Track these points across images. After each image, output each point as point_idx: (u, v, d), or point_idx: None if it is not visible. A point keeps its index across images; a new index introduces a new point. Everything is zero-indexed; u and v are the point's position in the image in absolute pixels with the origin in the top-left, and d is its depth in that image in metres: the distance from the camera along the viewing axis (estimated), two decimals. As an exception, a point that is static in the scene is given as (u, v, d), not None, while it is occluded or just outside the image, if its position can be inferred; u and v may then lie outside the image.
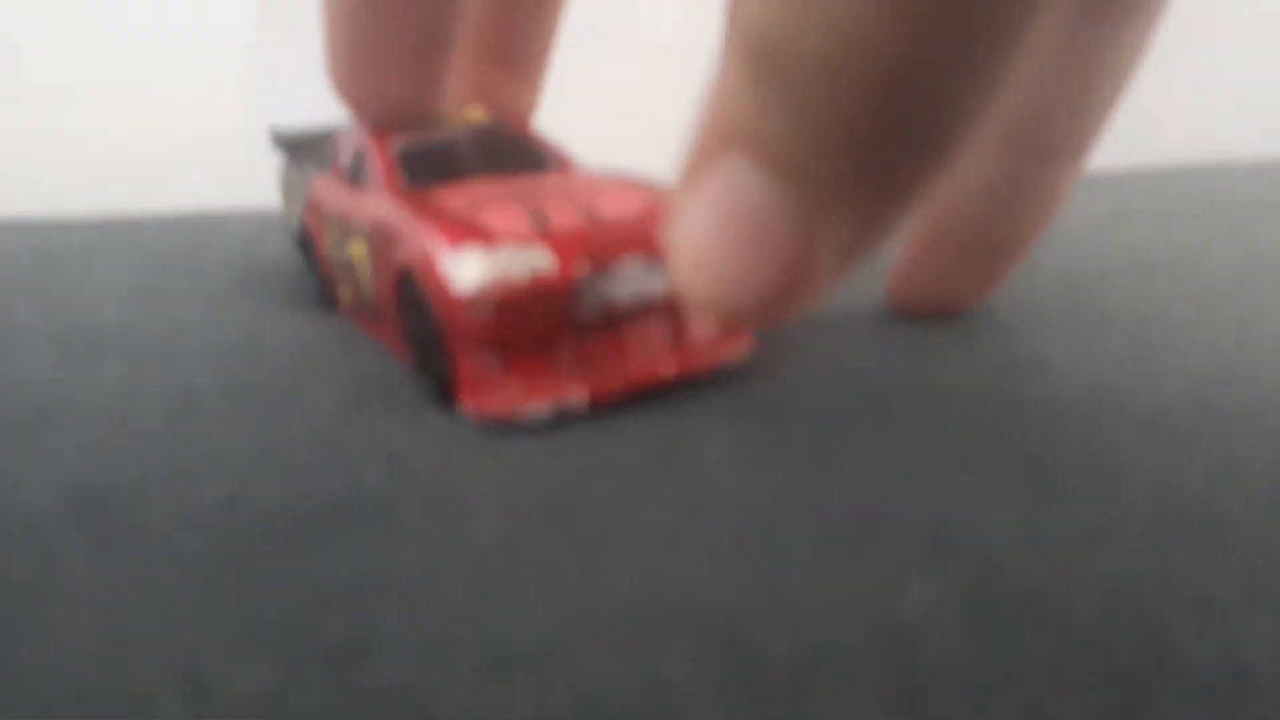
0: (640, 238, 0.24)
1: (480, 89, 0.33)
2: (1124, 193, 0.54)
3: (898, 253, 0.31)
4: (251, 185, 0.57)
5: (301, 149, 0.39)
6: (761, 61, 0.13)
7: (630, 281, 0.23)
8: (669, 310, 0.24)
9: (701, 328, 0.25)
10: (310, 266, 0.36)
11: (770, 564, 0.16)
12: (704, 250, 0.15)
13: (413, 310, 0.25)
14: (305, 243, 0.35)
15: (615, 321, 0.24)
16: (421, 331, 0.24)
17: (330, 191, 0.31)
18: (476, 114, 0.31)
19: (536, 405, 0.22)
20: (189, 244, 0.46)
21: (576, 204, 0.25)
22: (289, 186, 0.39)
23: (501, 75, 0.34)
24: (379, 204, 0.27)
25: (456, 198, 0.26)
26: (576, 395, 0.22)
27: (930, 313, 0.31)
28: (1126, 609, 0.15)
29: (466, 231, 0.23)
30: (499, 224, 0.23)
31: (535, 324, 0.22)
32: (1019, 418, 0.22)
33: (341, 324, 0.31)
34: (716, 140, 0.15)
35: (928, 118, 0.13)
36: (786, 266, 0.15)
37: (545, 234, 0.23)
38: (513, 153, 0.30)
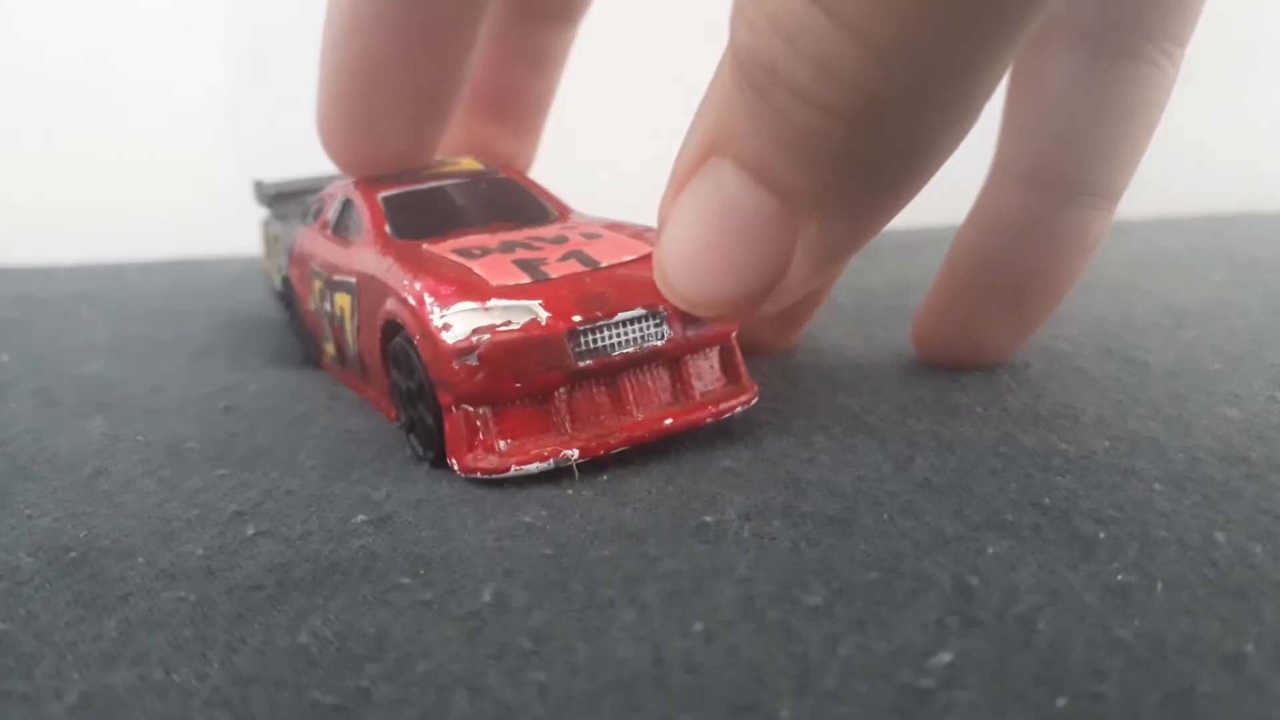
0: (639, 287, 0.24)
1: (477, 141, 0.34)
2: (1153, 241, 0.55)
3: (925, 297, 0.31)
4: (234, 232, 0.58)
5: (284, 202, 0.40)
6: (750, 78, 0.15)
7: (628, 332, 0.24)
8: (671, 361, 0.25)
9: (706, 379, 0.25)
10: (293, 322, 0.36)
11: (784, 630, 0.16)
12: (687, 243, 0.17)
13: (400, 365, 0.25)
14: (288, 298, 0.36)
15: (614, 373, 0.24)
16: (408, 386, 0.25)
17: (315, 245, 0.32)
18: (469, 163, 0.32)
19: (527, 463, 0.22)
20: (172, 292, 0.46)
21: (573, 254, 0.25)
22: (271, 240, 0.39)
23: (499, 127, 0.35)
24: (365, 256, 0.27)
25: (447, 249, 0.26)
26: (568, 452, 0.23)
27: (959, 359, 0.31)
28: (1156, 670, 0.15)
29: (456, 283, 0.23)
30: (491, 276, 0.24)
31: (527, 377, 0.23)
32: (1046, 472, 0.22)
33: (325, 378, 0.32)
34: (707, 145, 0.17)
35: (894, 145, 0.15)
36: (764, 264, 0.17)
37: (538, 285, 0.24)
38: (507, 202, 0.30)
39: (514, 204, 0.30)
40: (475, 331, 0.22)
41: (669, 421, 0.24)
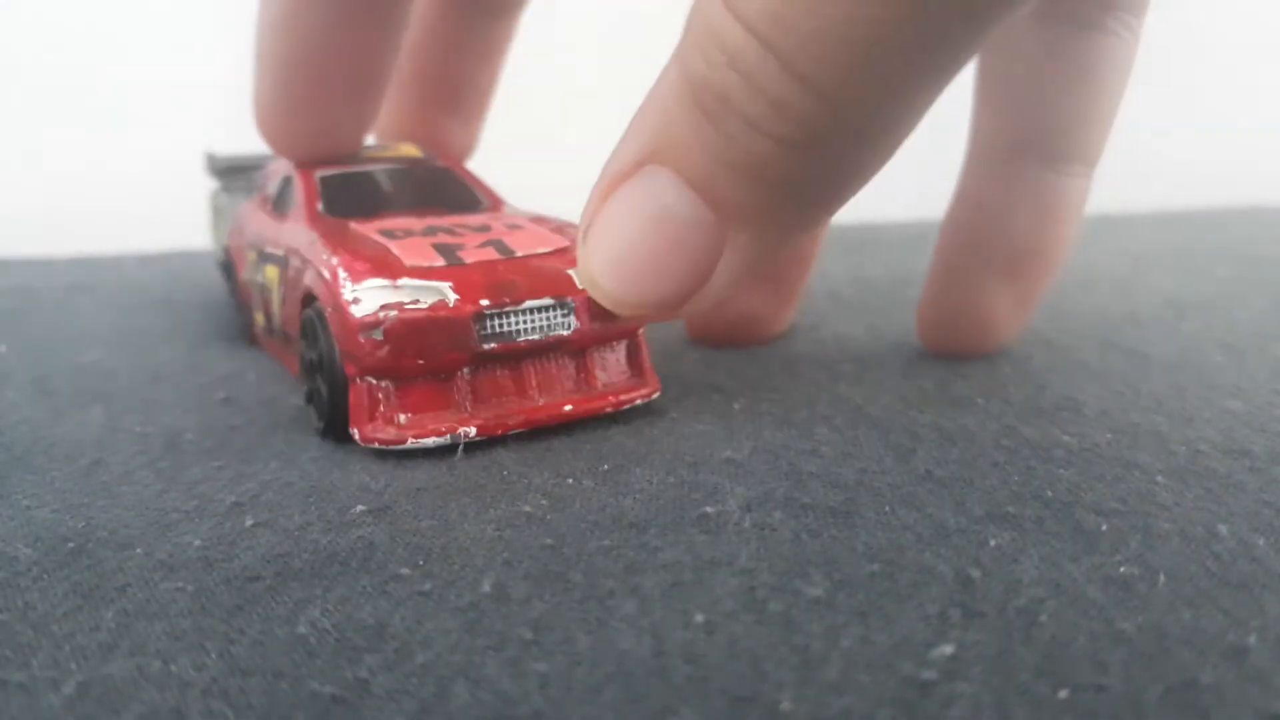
0: (550, 278, 0.25)
1: (420, 126, 0.35)
2: (1157, 236, 0.55)
3: (925, 285, 0.32)
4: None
5: (234, 176, 0.42)
6: (701, 102, 0.16)
7: (534, 319, 0.24)
8: (576, 351, 0.25)
9: (611, 370, 0.26)
10: (231, 291, 0.37)
11: (785, 621, 0.16)
12: (617, 244, 0.18)
13: (307, 335, 0.26)
14: (228, 267, 0.37)
15: (518, 358, 0.25)
16: (311, 358, 0.26)
17: (253, 218, 0.33)
18: (409, 150, 0.33)
19: (424, 437, 0.23)
20: (170, 283, 0.46)
21: (492, 242, 0.26)
22: (219, 212, 0.41)
23: (443, 113, 0.36)
24: (295, 231, 0.28)
25: (373, 229, 0.27)
26: (466, 429, 0.24)
27: (965, 343, 0.31)
28: (1158, 662, 0.15)
29: (371, 260, 0.24)
30: (407, 256, 0.25)
31: (431, 355, 0.24)
32: (1048, 464, 0.22)
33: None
34: (646, 153, 0.18)
35: (830, 172, 0.17)
36: (691, 270, 0.18)
37: (452, 269, 0.24)
38: (439, 189, 0.31)
39: (446, 191, 0.31)
40: (384, 308, 0.23)
41: (569, 408, 0.25)
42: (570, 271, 0.25)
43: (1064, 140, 0.29)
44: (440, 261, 0.25)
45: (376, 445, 0.23)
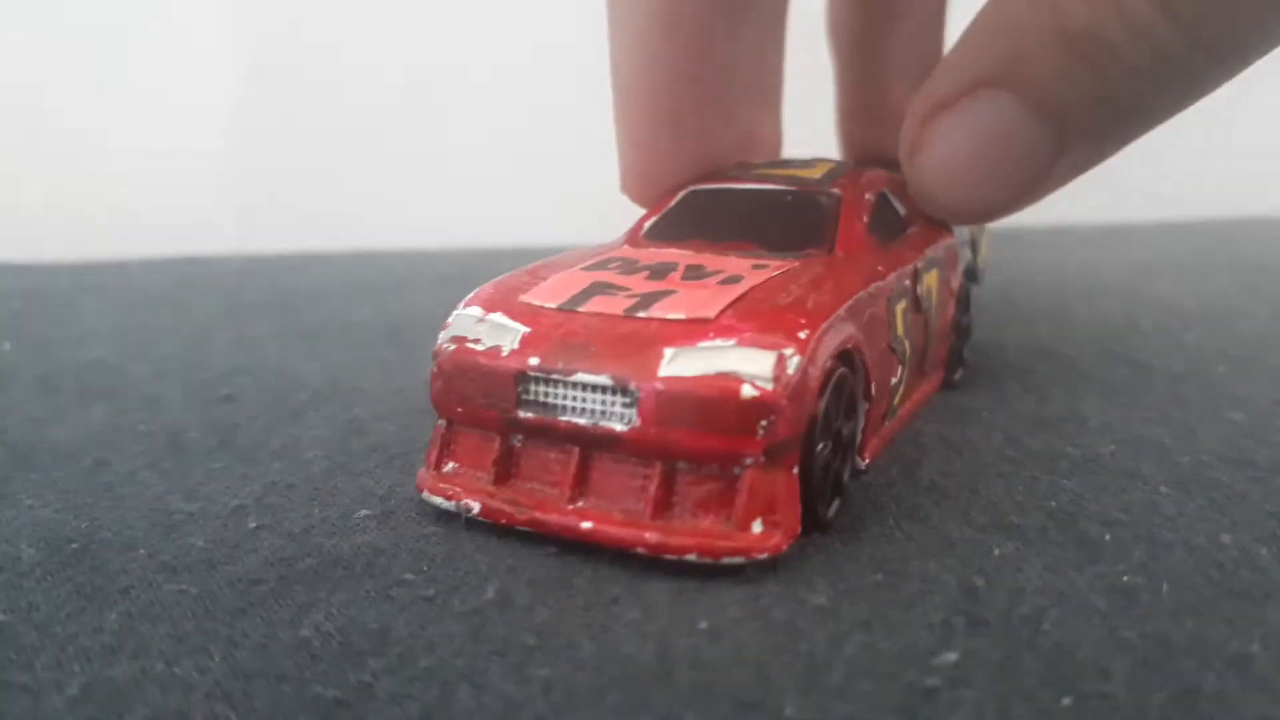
0: (628, 351, 0.19)
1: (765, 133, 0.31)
2: (1159, 246, 0.55)
3: None
4: (238, 230, 0.58)
5: None
6: (1073, 41, 0.19)
7: (581, 398, 0.19)
8: (646, 456, 0.19)
9: (692, 503, 0.19)
10: None
11: (790, 629, 0.16)
12: (954, 158, 0.21)
13: None
14: None
15: (564, 442, 0.20)
16: None
17: None
18: (805, 171, 0.27)
19: (435, 494, 0.21)
20: (173, 286, 0.46)
21: (649, 295, 0.21)
22: None
23: (754, 109, 0.31)
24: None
25: (621, 254, 0.24)
26: (469, 503, 0.20)
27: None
28: (1162, 670, 0.15)
29: (500, 287, 0.22)
30: (544, 289, 0.22)
31: (469, 405, 0.20)
32: (1052, 475, 0.22)
33: (324, 365, 0.32)
34: (987, 77, 0.20)
35: (1171, 93, 0.19)
36: (1027, 180, 0.20)
37: (554, 314, 0.21)
38: (784, 222, 0.25)
39: (788, 225, 0.25)
40: (452, 339, 0.21)
41: (586, 525, 0.19)
42: (667, 349, 0.19)
43: None
44: (556, 302, 0.21)
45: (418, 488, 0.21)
